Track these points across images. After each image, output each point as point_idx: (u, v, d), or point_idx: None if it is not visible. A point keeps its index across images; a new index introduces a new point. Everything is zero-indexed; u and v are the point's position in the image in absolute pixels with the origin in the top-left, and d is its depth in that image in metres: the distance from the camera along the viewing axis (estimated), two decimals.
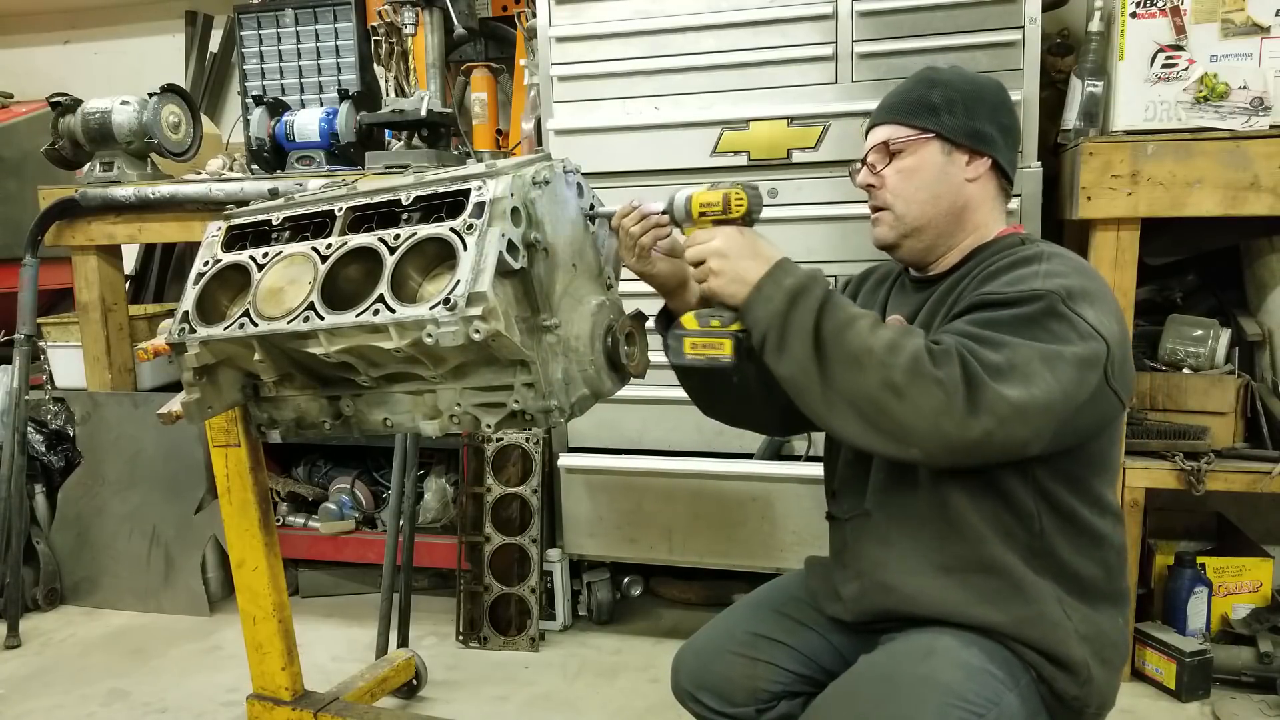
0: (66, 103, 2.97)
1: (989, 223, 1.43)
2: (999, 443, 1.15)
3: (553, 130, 2.56)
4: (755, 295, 1.27)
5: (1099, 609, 1.32)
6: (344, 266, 1.46)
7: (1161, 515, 2.69)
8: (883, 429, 1.18)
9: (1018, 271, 1.28)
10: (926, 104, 1.39)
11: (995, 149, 1.40)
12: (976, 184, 1.40)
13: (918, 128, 1.39)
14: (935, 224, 1.40)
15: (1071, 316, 1.20)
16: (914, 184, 1.39)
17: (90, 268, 3.04)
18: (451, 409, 1.48)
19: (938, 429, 1.15)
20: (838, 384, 1.20)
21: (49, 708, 2.43)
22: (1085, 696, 1.29)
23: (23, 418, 2.92)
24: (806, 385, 1.23)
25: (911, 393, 1.15)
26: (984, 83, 1.44)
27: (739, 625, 1.54)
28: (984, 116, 1.39)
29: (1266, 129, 2.11)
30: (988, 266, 1.34)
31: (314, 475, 3.28)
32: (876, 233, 1.46)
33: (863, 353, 1.18)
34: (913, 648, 1.29)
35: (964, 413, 1.13)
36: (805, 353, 1.22)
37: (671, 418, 2.56)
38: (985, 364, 1.15)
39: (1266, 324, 2.40)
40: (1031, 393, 1.14)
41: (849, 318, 1.22)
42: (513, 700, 2.40)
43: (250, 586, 1.94)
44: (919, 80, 1.44)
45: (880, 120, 1.45)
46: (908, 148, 1.39)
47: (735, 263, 1.30)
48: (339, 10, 3.24)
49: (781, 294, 1.25)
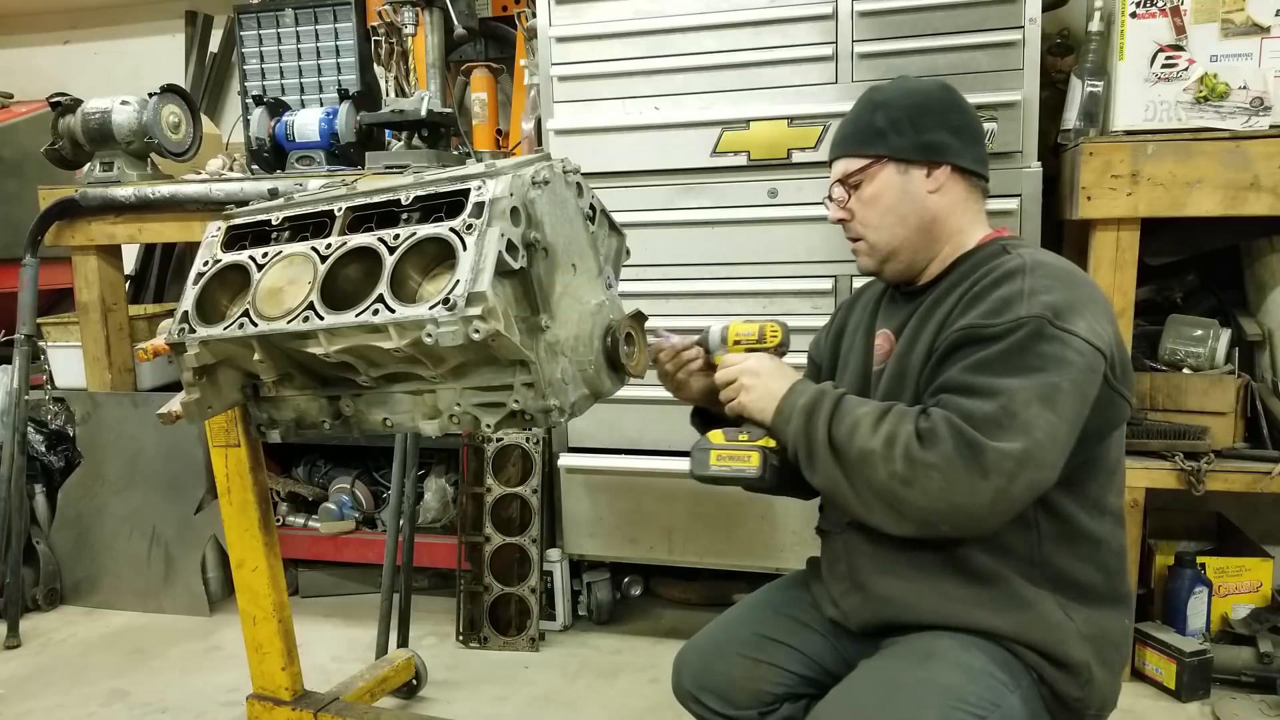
0: (66, 103, 2.97)
1: (965, 228, 1.42)
2: (1019, 493, 1.17)
3: (553, 130, 2.56)
4: (777, 416, 1.35)
5: (1100, 610, 1.32)
6: (344, 266, 1.46)
7: (1161, 515, 2.69)
8: (909, 517, 1.22)
9: (1000, 292, 1.27)
10: (872, 129, 1.41)
11: (951, 154, 1.40)
12: (939, 194, 1.40)
13: (868, 156, 1.41)
14: (909, 243, 1.41)
15: (1063, 336, 1.20)
16: (878, 211, 1.41)
17: (90, 268, 3.04)
18: (451, 409, 1.48)
19: (953, 505, 1.18)
20: (861, 484, 1.25)
21: (49, 708, 2.43)
22: (1087, 698, 1.29)
23: (23, 418, 2.92)
24: (838, 490, 1.28)
25: (916, 478, 1.19)
26: (927, 90, 1.44)
27: (742, 626, 1.54)
28: (931, 126, 1.39)
29: (1266, 129, 2.11)
30: (971, 286, 1.32)
31: (314, 475, 3.28)
32: (859, 263, 1.50)
33: (868, 453, 1.23)
34: (913, 651, 1.30)
35: (970, 483, 1.16)
36: (828, 461, 1.28)
37: (671, 418, 2.56)
38: (981, 421, 1.17)
39: (1266, 324, 2.40)
40: (1036, 438, 1.16)
41: (854, 421, 1.27)
42: (513, 700, 2.40)
43: (250, 586, 1.94)
44: (863, 106, 1.45)
45: (835, 155, 1.47)
46: (864, 177, 1.41)
47: (767, 381, 1.39)
48: (339, 10, 3.24)
49: (798, 412, 1.32)
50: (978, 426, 1.16)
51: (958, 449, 1.16)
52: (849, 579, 1.43)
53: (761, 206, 2.43)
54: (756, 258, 2.44)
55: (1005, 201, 2.23)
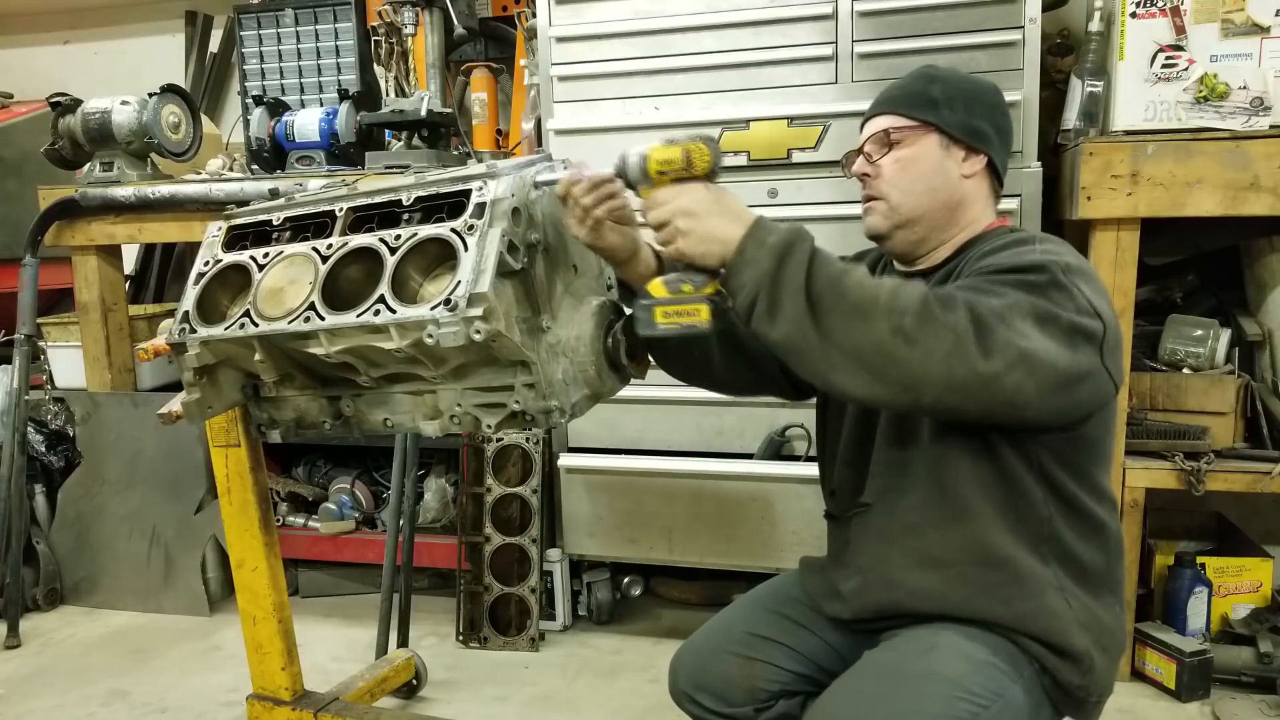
0: (66, 103, 2.96)
1: (981, 219, 1.43)
2: (1008, 388, 1.12)
3: (553, 130, 2.56)
4: (737, 258, 1.19)
5: (1099, 597, 1.33)
6: (344, 267, 1.46)
7: (1161, 515, 2.69)
8: (890, 378, 1.13)
9: (1015, 250, 1.28)
10: (927, 97, 1.40)
11: (991, 148, 1.41)
12: (972, 181, 1.41)
13: (918, 119, 1.39)
14: (929, 217, 1.40)
15: (1071, 289, 1.19)
16: (911, 175, 1.39)
17: (90, 268, 3.04)
18: (452, 409, 1.48)
19: (950, 372, 1.11)
20: (839, 339, 1.14)
21: (49, 708, 2.43)
22: (1089, 685, 1.29)
23: (23, 418, 2.92)
24: (804, 345, 1.16)
25: (924, 337, 1.10)
26: (981, 83, 1.46)
27: (736, 625, 1.54)
28: (982, 115, 1.41)
29: (1266, 129, 2.11)
30: (982, 252, 1.34)
31: (314, 475, 3.28)
32: (869, 222, 1.44)
33: (867, 302, 1.13)
34: (915, 643, 1.30)
35: (976, 355, 1.11)
36: (800, 311, 1.14)
37: (671, 418, 2.57)
38: (988, 312, 1.13)
39: (1266, 324, 2.40)
40: (1033, 347, 1.13)
41: (841, 270, 1.17)
42: (513, 700, 2.40)
43: (250, 586, 1.94)
44: (918, 75, 1.44)
45: (879, 110, 1.44)
46: (907, 138, 1.39)
47: (706, 221, 1.22)
48: (339, 10, 3.24)
49: (766, 253, 1.17)
50: (985, 314, 1.13)
51: (972, 322, 1.12)
52: (854, 563, 1.43)
53: (762, 206, 2.40)
54: None
55: (1005, 201, 2.22)
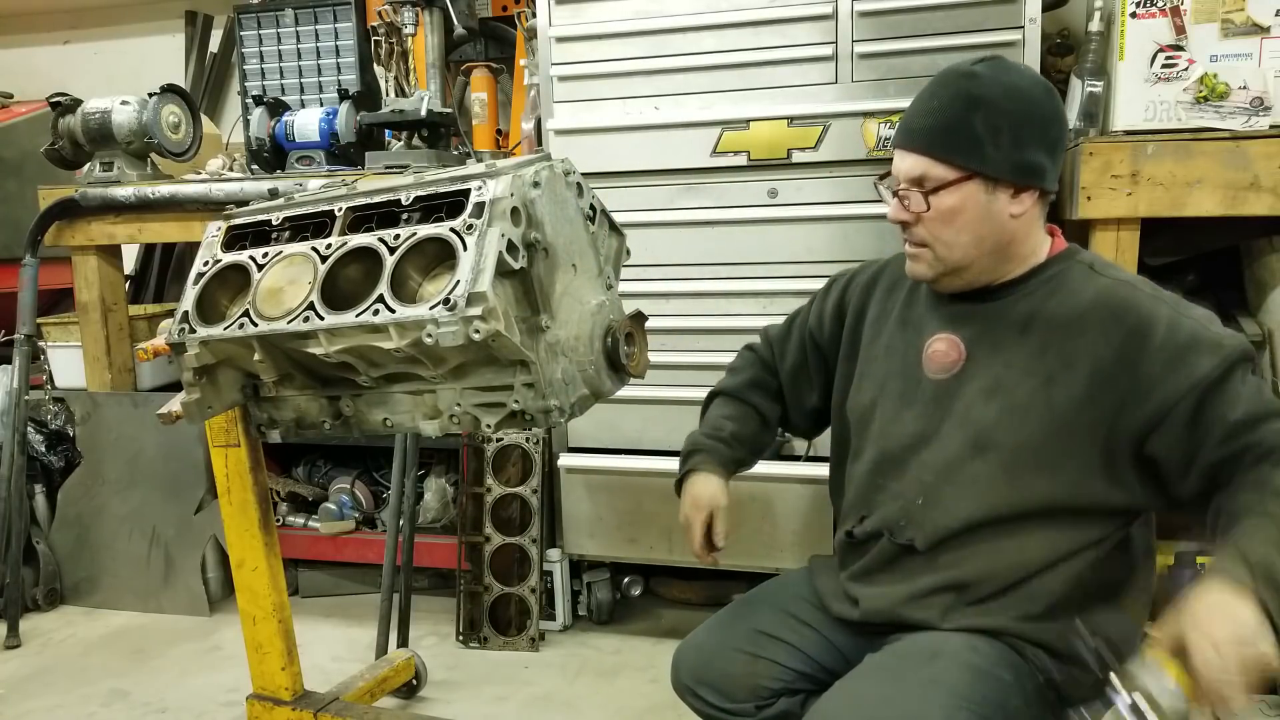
0: (66, 103, 2.96)
1: (1039, 249, 1.36)
2: None
3: (553, 130, 2.56)
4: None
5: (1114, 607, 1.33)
6: (344, 266, 1.46)
7: (1161, 515, 2.68)
8: None
9: (1176, 338, 1.25)
10: (968, 135, 1.25)
11: (1044, 178, 1.29)
12: (1020, 218, 1.30)
13: (959, 168, 1.26)
14: (979, 263, 1.33)
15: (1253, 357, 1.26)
16: (954, 227, 1.29)
17: (90, 268, 3.04)
18: (451, 409, 1.48)
19: None
20: None
21: (49, 708, 2.43)
22: None
23: (23, 418, 2.92)
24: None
25: None
26: (1030, 95, 1.28)
27: (740, 621, 1.54)
28: (1033, 141, 1.26)
29: (1266, 129, 2.11)
30: (1113, 325, 1.28)
31: (314, 475, 3.28)
32: (914, 269, 1.36)
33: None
34: (919, 649, 1.29)
35: None
36: None
37: (672, 418, 2.56)
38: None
39: (1266, 324, 2.40)
40: None
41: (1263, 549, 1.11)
42: (513, 700, 2.40)
43: (250, 586, 1.94)
44: (958, 98, 1.27)
45: (914, 148, 1.30)
46: (945, 188, 1.28)
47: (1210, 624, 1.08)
48: (339, 10, 3.24)
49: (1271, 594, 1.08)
50: None
51: None
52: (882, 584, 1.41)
53: (761, 206, 2.43)
54: (756, 258, 2.44)
55: None
